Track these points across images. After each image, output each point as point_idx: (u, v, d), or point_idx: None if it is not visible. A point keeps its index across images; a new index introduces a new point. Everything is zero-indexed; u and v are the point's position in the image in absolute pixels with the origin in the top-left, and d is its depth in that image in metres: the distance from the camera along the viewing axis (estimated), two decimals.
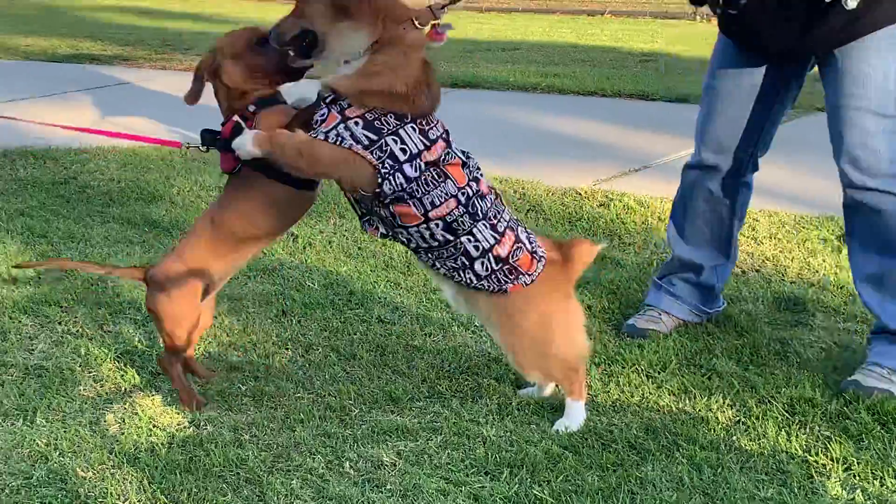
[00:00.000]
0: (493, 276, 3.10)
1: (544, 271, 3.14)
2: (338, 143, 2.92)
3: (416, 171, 2.95)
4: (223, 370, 3.61)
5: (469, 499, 2.83)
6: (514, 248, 3.09)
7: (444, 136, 3.06)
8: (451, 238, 3.05)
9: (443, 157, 3.00)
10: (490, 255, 3.06)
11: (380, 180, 2.93)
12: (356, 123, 2.93)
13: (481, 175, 3.12)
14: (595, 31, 13.85)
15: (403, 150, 2.94)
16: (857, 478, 2.95)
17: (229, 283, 4.14)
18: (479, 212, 3.05)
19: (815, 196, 3.81)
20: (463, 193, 3.02)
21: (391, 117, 2.95)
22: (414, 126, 2.98)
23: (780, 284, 4.40)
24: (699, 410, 3.33)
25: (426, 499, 2.83)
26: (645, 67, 10.32)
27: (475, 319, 3.95)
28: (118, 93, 9.12)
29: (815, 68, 3.56)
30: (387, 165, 2.92)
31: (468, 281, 3.12)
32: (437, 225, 3.02)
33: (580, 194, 5.68)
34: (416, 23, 2.99)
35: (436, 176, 2.98)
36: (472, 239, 3.05)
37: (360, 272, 4.49)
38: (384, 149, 2.92)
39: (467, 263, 3.09)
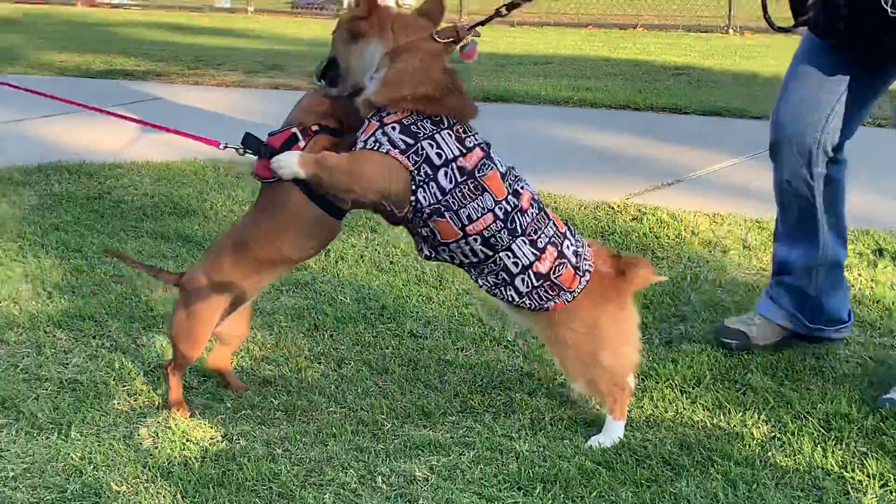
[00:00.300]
0: (534, 293, 3.08)
1: (593, 282, 3.12)
2: (376, 147, 2.93)
3: (450, 181, 2.95)
4: (256, 384, 3.61)
5: None
6: (557, 263, 3.06)
7: (482, 146, 3.05)
8: (491, 253, 3.04)
9: (479, 167, 2.99)
10: (530, 271, 3.05)
11: (414, 188, 2.94)
12: (393, 128, 2.94)
13: (523, 188, 3.10)
14: (627, 44, 13.84)
15: (439, 155, 2.94)
16: (894, 494, 2.92)
17: (262, 298, 4.16)
18: (519, 228, 3.03)
19: (850, 210, 3.77)
20: (501, 208, 3.00)
21: (428, 122, 2.97)
22: (451, 132, 2.98)
23: None
24: (734, 426, 3.31)
25: None
26: (677, 80, 10.29)
27: (508, 334, 3.95)
28: (151, 108, 9.18)
29: None
30: (422, 173, 2.93)
31: (510, 298, 3.11)
32: (475, 240, 3.01)
33: (613, 208, 5.66)
34: (436, 37, 3.02)
35: (472, 189, 2.97)
36: (510, 255, 3.04)
37: (392, 286, 4.49)
38: (420, 153, 2.93)
39: (508, 280, 3.08)
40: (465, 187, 2.96)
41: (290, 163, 3.02)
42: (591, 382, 3.19)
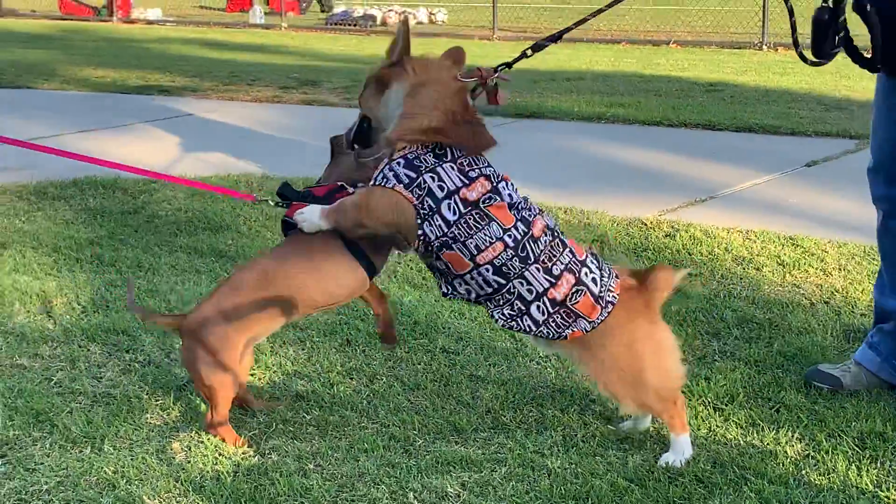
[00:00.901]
0: (550, 321, 3.08)
1: (623, 299, 3.11)
2: (383, 183, 2.99)
3: (454, 213, 2.98)
4: (288, 399, 3.62)
5: None
6: (573, 290, 3.06)
7: (490, 177, 3.05)
8: (504, 282, 3.05)
9: (484, 198, 3.00)
10: (545, 298, 3.05)
11: (419, 221, 2.99)
12: (398, 163, 3.01)
13: (534, 216, 3.09)
14: (660, 60, 13.81)
15: (441, 188, 2.98)
16: None
17: None
18: (531, 255, 3.03)
19: None
20: (510, 236, 3.01)
21: (430, 156, 3.01)
22: (453, 164, 3.01)
23: (850, 316, 4.34)
24: (767, 444, 3.29)
25: None
26: (710, 97, 10.26)
27: (540, 350, 3.93)
28: (186, 123, 9.24)
29: None
30: (426, 206, 2.97)
31: (528, 328, 3.11)
32: (487, 270, 3.03)
33: (646, 225, 5.65)
34: (459, 76, 3.06)
35: (478, 219, 2.99)
36: (524, 282, 3.04)
37: (425, 302, 4.49)
38: (422, 186, 2.98)
39: (524, 309, 3.08)
40: (469, 218, 2.99)
41: (312, 216, 3.12)
42: (640, 401, 3.18)
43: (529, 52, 3.33)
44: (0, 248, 5.25)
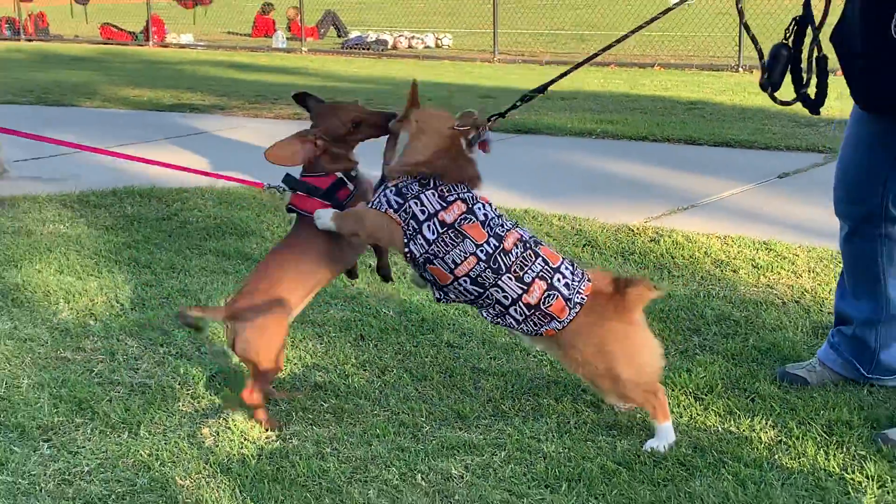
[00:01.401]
0: (528, 321, 3.14)
1: (595, 303, 3.12)
2: (378, 207, 3.15)
3: (433, 233, 3.09)
4: (307, 389, 3.62)
5: None
6: (545, 295, 3.10)
7: (464, 198, 3.13)
8: (481, 290, 3.12)
9: (460, 219, 3.09)
10: (520, 303, 3.11)
11: (406, 240, 3.12)
12: (391, 190, 3.17)
13: (507, 231, 3.14)
14: (646, 81, 13.79)
15: (422, 212, 3.11)
16: (891, 494, 2.89)
17: (313, 310, 4.17)
18: (503, 266, 3.09)
19: None
20: (482, 251, 3.08)
21: (416, 185, 3.13)
22: (434, 191, 3.12)
23: (819, 314, 4.33)
24: (743, 430, 3.28)
25: None
26: (692, 114, 10.25)
27: (536, 345, 3.92)
28: (215, 138, 9.25)
29: None
30: (411, 227, 3.11)
31: (510, 325, 3.18)
32: (465, 280, 3.11)
33: (632, 230, 5.64)
34: (455, 125, 3.17)
35: (453, 237, 3.08)
36: (499, 290, 3.11)
37: (431, 301, 4.47)
38: (408, 211, 3.12)
39: (503, 311, 3.15)
40: (446, 237, 3.08)
41: (326, 218, 3.27)
42: (622, 395, 3.18)
43: (519, 103, 3.46)
44: (46, 251, 5.26)
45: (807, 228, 5.65)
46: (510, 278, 3.09)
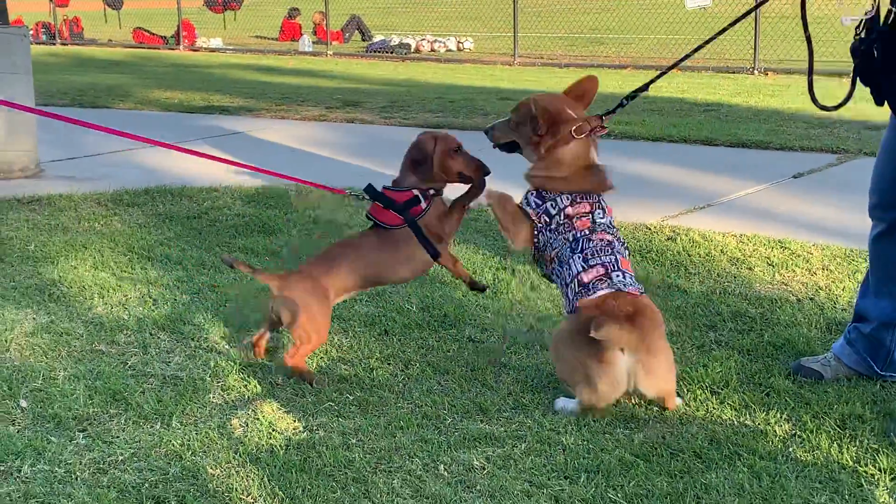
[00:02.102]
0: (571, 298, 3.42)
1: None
2: (523, 204, 3.53)
3: (556, 226, 3.45)
4: (333, 381, 3.63)
5: (550, 500, 2.81)
6: (596, 279, 3.32)
7: (593, 202, 3.50)
8: (560, 268, 3.46)
9: (578, 214, 3.44)
10: (577, 280, 3.34)
11: (536, 232, 3.49)
12: (532, 194, 3.53)
13: (606, 230, 3.46)
14: (663, 83, 13.69)
15: (553, 206, 3.46)
16: None
17: (339, 306, 4.18)
18: (580, 247, 3.39)
19: (865, 231, 3.71)
20: (573, 236, 3.41)
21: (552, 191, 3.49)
22: (567, 196, 3.47)
23: (833, 311, 4.31)
24: (758, 424, 3.27)
25: (512, 499, 2.82)
26: (708, 116, 10.21)
27: None
28: (243, 139, 9.27)
29: None
30: (542, 221, 3.47)
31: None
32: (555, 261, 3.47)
33: (650, 229, 5.63)
34: (574, 133, 3.48)
35: (565, 226, 3.43)
36: (568, 267, 3.41)
37: (453, 297, 4.50)
38: (541, 207, 3.48)
39: (565, 287, 3.42)
40: (561, 225, 3.45)
41: (493, 188, 3.64)
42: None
43: (625, 101, 3.71)
44: (82, 248, 5.29)
45: (821, 227, 5.62)
46: (580, 258, 3.39)
